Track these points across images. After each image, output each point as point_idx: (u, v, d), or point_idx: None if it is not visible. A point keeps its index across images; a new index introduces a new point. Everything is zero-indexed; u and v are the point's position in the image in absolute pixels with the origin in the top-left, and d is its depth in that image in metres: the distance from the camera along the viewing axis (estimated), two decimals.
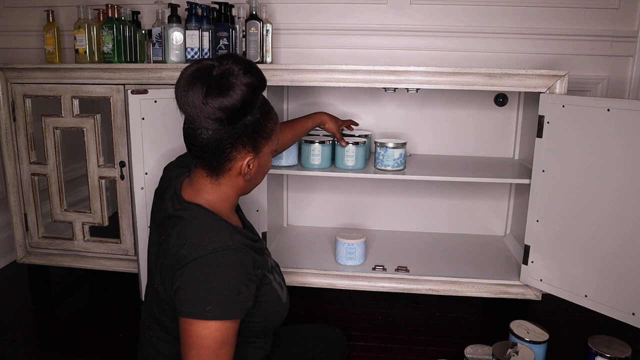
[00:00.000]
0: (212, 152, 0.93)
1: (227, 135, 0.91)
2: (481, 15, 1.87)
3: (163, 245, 0.96)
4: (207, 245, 0.89)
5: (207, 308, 0.86)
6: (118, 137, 1.65)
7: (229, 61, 0.90)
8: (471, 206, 1.99)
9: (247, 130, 0.93)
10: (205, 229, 0.92)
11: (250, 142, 0.95)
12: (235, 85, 0.88)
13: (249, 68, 0.91)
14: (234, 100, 0.88)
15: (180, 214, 0.95)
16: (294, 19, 1.93)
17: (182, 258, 0.89)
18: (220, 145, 0.92)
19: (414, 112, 1.93)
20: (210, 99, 0.87)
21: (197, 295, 0.87)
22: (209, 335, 0.86)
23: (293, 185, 2.06)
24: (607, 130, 1.33)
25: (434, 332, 1.70)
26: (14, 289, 2.00)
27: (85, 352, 1.59)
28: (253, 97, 0.91)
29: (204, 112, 0.88)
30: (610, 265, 1.36)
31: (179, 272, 0.89)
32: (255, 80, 0.90)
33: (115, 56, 1.70)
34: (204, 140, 0.92)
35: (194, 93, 0.88)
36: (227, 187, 0.98)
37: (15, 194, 1.75)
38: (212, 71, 0.89)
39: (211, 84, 0.87)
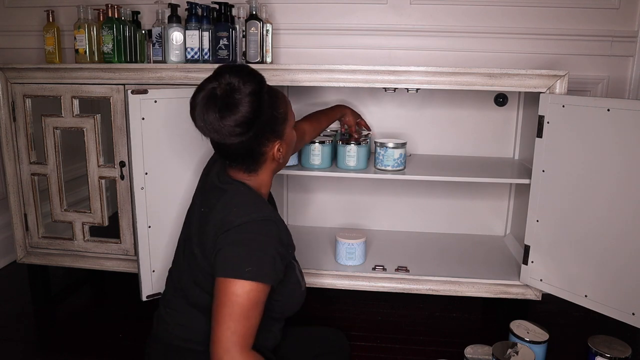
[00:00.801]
0: (246, 156, 1.05)
1: (252, 139, 1.01)
2: (481, 15, 1.87)
3: (205, 216, 1.04)
4: (251, 213, 1.00)
5: (246, 269, 0.95)
6: (118, 137, 1.65)
7: (226, 76, 0.98)
8: (471, 206, 1.99)
9: (267, 126, 1.02)
10: (250, 200, 1.03)
11: (273, 133, 1.05)
12: (241, 99, 0.97)
13: (246, 76, 0.99)
14: (244, 114, 0.97)
15: (225, 187, 1.05)
16: (293, 19, 1.93)
17: (227, 223, 0.99)
18: (250, 149, 1.03)
19: (414, 112, 1.93)
20: (225, 120, 0.97)
21: (239, 256, 0.96)
22: (244, 294, 0.95)
23: (293, 185, 2.06)
24: (607, 130, 1.33)
25: (434, 332, 1.70)
26: (14, 289, 2.00)
27: (85, 352, 1.59)
28: (259, 101, 0.99)
29: (224, 133, 0.98)
30: (610, 265, 1.36)
31: (223, 235, 0.98)
32: (255, 86, 0.99)
33: (115, 56, 1.70)
34: (235, 151, 1.03)
35: (211, 120, 0.97)
36: (264, 174, 1.09)
37: (15, 194, 1.75)
38: (217, 92, 0.98)
39: (221, 106, 0.96)
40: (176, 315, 1.11)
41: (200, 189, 1.17)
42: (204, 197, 1.10)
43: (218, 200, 1.04)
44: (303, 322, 1.58)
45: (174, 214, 1.49)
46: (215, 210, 1.02)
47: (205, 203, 1.08)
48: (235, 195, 1.04)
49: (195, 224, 1.08)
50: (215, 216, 1.02)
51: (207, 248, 1.02)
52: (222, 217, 1.00)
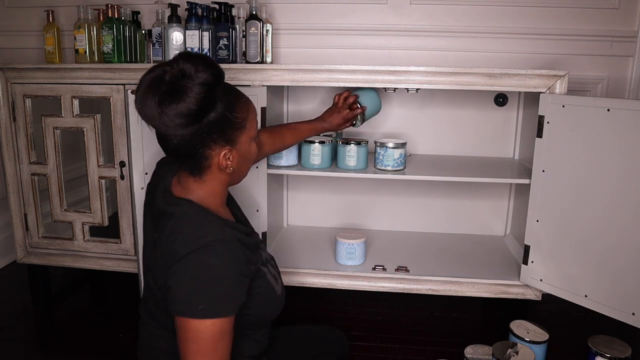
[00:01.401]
0: (186, 155, 0.93)
1: (194, 136, 0.90)
2: (481, 15, 1.87)
3: (157, 243, 0.96)
4: (197, 239, 0.89)
5: (199, 307, 0.87)
6: (118, 137, 1.65)
7: (180, 61, 0.88)
8: (471, 206, 1.99)
9: (214, 126, 0.91)
10: (196, 223, 0.93)
11: (222, 137, 0.94)
12: (188, 87, 0.86)
13: (202, 65, 0.89)
14: (188, 104, 0.86)
15: (171, 210, 0.95)
16: (294, 19, 1.93)
17: (173, 254, 0.89)
18: (192, 147, 0.92)
19: (414, 112, 1.93)
20: (165, 107, 0.86)
21: (189, 295, 0.88)
22: (206, 330, 0.88)
23: (293, 185, 2.06)
24: (607, 130, 1.33)
25: (434, 332, 1.70)
26: (14, 289, 2.00)
27: (85, 352, 1.59)
28: (209, 94, 0.89)
29: (163, 122, 0.87)
30: (610, 265, 1.36)
31: (171, 269, 0.89)
32: (209, 77, 0.88)
33: (115, 56, 1.70)
34: (174, 146, 0.92)
35: (149, 105, 0.87)
36: (212, 183, 0.98)
37: (15, 194, 1.75)
38: (165, 77, 0.88)
39: (164, 92, 0.86)
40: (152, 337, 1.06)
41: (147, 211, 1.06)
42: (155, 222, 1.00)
43: (165, 225, 0.94)
44: (302, 322, 1.58)
45: None
46: (163, 238, 0.93)
47: (156, 228, 0.98)
48: (180, 219, 0.93)
49: (148, 251, 1.01)
50: (162, 246, 0.92)
51: (158, 280, 0.94)
52: (168, 247, 0.90)
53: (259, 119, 1.54)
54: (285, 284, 1.66)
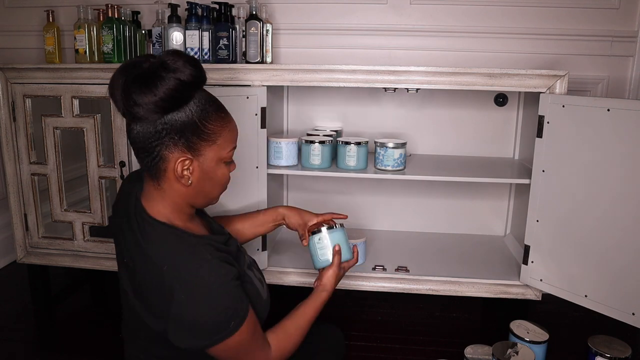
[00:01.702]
0: (142, 149, 0.89)
1: (153, 130, 0.86)
2: (481, 15, 1.87)
3: (131, 270, 0.93)
4: (188, 267, 0.87)
5: (230, 324, 0.88)
6: (118, 137, 1.65)
7: (169, 56, 0.86)
8: (471, 206, 1.99)
9: (176, 126, 0.87)
10: (178, 249, 0.89)
11: (183, 141, 0.88)
12: (163, 77, 0.83)
13: (187, 63, 0.86)
14: (156, 92, 0.83)
15: (144, 236, 0.91)
16: (294, 19, 1.93)
17: (169, 289, 0.86)
18: (148, 141, 0.88)
19: (414, 112, 1.93)
20: (131, 89, 0.83)
21: (216, 323, 0.88)
22: (243, 335, 0.91)
23: (293, 185, 2.06)
24: (607, 130, 1.33)
25: (434, 332, 1.70)
26: (14, 289, 2.00)
27: (85, 352, 1.59)
28: (182, 92, 0.85)
29: (126, 102, 0.84)
30: (611, 265, 1.36)
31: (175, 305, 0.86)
32: (188, 75, 0.85)
33: (115, 56, 1.70)
34: (133, 136, 0.88)
35: (116, 85, 0.85)
36: (170, 193, 0.93)
37: (15, 194, 1.75)
38: (143, 64, 0.85)
39: (136, 75, 0.83)
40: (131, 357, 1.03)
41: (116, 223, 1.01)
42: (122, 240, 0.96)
43: (140, 255, 0.90)
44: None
45: None
46: (143, 269, 0.89)
47: (125, 251, 0.95)
48: (158, 247, 0.89)
49: (124, 277, 0.96)
50: (146, 278, 0.89)
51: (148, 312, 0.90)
52: (156, 281, 0.87)
53: (259, 119, 1.54)
54: (285, 284, 1.67)
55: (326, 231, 1.19)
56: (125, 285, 0.96)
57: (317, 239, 1.19)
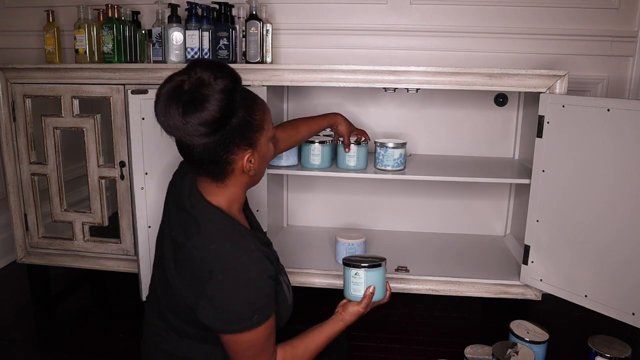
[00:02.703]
0: (210, 163, 0.94)
1: (218, 143, 0.91)
2: (481, 16, 1.87)
3: (178, 245, 0.96)
4: (234, 252, 0.91)
5: (253, 319, 0.91)
6: (118, 137, 1.65)
7: (197, 70, 0.88)
8: (471, 206, 1.99)
9: (236, 131, 0.92)
10: (227, 235, 0.94)
11: (244, 140, 0.94)
12: (209, 95, 0.86)
13: (219, 71, 0.89)
14: (212, 112, 0.86)
15: (197, 215, 0.95)
16: (294, 19, 1.93)
17: (209, 265, 0.90)
18: (216, 155, 0.92)
19: (414, 112, 1.93)
20: (189, 117, 0.86)
21: (241, 312, 0.90)
22: (260, 335, 0.92)
23: (293, 185, 2.06)
24: (607, 130, 1.33)
25: (434, 332, 1.70)
26: (14, 289, 2.00)
27: (85, 352, 1.59)
28: (230, 100, 0.89)
29: (187, 132, 0.87)
30: (610, 265, 1.36)
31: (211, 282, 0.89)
32: (228, 83, 0.89)
33: (115, 56, 1.70)
34: (198, 155, 0.92)
35: (173, 115, 0.87)
36: (233, 187, 0.99)
37: (15, 194, 1.75)
38: (184, 87, 0.87)
39: (186, 101, 0.86)
40: (157, 339, 1.05)
41: (170, 201, 1.05)
42: (174, 217, 1.00)
43: (190, 231, 0.94)
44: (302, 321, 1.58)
45: None
46: (190, 244, 0.93)
47: (175, 227, 0.98)
48: (210, 228, 0.94)
49: (169, 251, 1.00)
50: (191, 253, 0.92)
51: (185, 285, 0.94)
52: (202, 256, 0.91)
53: None
54: None
55: (365, 271, 1.15)
56: (168, 257, 0.99)
57: (354, 273, 1.16)
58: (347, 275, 1.18)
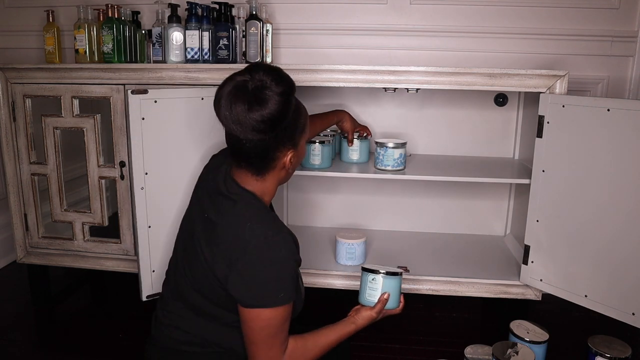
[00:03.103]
0: (258, 157, 1.01)
1: (271, 141, 0.99)
2: (481, 16, 1.87)
3: (212, 223, 1.02)
4: (267, 230, 0.98)
5: (279, 296, 0.97)
6: (118, 137, 1.65)
7: (260, 73, 0.97)
8: (471, 206, 1.99)
9: (287, 131, 1.01)
10: (262, 215, 1.01)
11: (290, 140, 1.03)
12: (271, 97, 0.95)
13: (279, 78, 0.98)
14: (272, 111, 0.95)
15: (234, 198, 1.02)
16: (294, 19, 1.93)
17: (243, 241, 0.97)
18: (266, 150, 1.01)
19: (414, 112, 1.93)
20: (252, 112, 0.94)
21: (268, 288, 0.97)
22: (279, 315, 0.98)
23: (293, 185, 2.06)
24: (607, 130, 1.33)
25: (434, 332, 1.70)
26: (14, 289, 2.00)
27: (85, 352, 1.59)
28: (288, 103, 0.98)
29: (248, 125, 0.95)
30: (610, 265, 1.36)
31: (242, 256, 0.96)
32: (286, 88, 0.98)
33: (115, 56, 1.70)
34: (250, 149, 0.99)
35: (239, 111, 0.95)
36: (270, 181, 1.06)
37: (15, 194, 1.75)
38: (248, 86, 0.96)
39: (250, 99, 0.95)
40: (173, 317, 1.10)
41: (202, 188, 1.12)
42: (208, 201, 1.07)
43: (227, 211, 1.02)
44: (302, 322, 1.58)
45: (174, 213, 1.49)
46: (226, 222, 1.00)
47: (210, 209, 1.05)
48: (246, 208, 1.01)
49: (201, 230, 1.05)
50: (227, 230, 1.00)
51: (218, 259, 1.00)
52: (236, 232, 0.98)
53: None
54: None
55: (382, 277, 1.19)
56: (200, 237, 1.04)
57: (371, 278, 1.21)
58: (365, 280, 1.22)
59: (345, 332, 1.17)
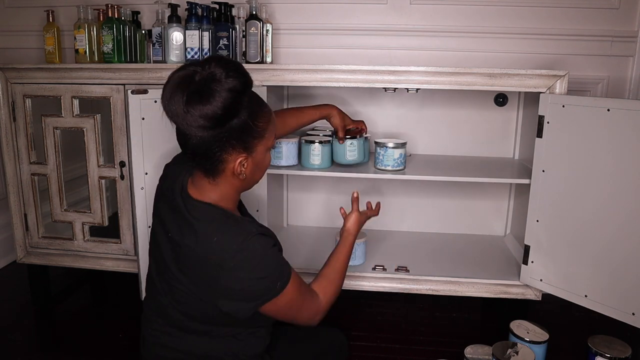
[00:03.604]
0: (203, 156, 0.95)
1: (214, 139, 0.92)
2: (481, 16, 1.87)
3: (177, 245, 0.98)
4: (235, 238, 0.94)
5: (277, 286, 0.97)
6: (118, 137, 1.65)
7: (212, 65, 0.89)
8: (471, 206, 1.99)
9: (235, 132, 0.93)
10: (224, 225, 0.96)
11: (240, 144, 0.95)
12: (216, 91, 0.88)
13: (233, 71, 0.90)
14: (214, 107, 0.88)
15: (193, 214, 0.97)
16: (294, 19, 1.93)
17: (218, 260, 0.93)
18: (210, 149, 0.93)
19: (414, 112, 1.93)
20: (191, 107, 0.87)
21: (263, 286, 0.96)
22: (289, 293, 0.99)
23: (293, 185, 2.06)
24: (607, 130, 1.33)
25: (434, 332, 1.70)
26: (14, 289, 2.00)
27: (86, 352, 1.59)
28: (236, 101, 0.90)
29: (187, 120, 0.89)
30: (610, 265, 1.36)
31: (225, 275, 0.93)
32: (238, 84, 0.90)
33: (115, 56, 1.70)
34: (193, 145, 0.93)
35: (176, 102, 0.88)
36: (224, 186, 1.00)
37: (15, 194, 1.75)
38: (195, 77, 0.89)
39: (192, 91, 0.87)
40: (158, 335, 1.07)
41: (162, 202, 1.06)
42: (169, 218, 1.01)
43: (189, 231, 0.96)
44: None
45: None
46: (191, 242, 0.95)
47: (172, 228, 1.00)
48: (203, 223, 0.95)
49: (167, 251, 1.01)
50: (197, 252, 0.94)
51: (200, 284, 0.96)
52: (207, 253, 0.93)
53: None
54: None
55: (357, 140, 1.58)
56: (168, 258, 1.01)
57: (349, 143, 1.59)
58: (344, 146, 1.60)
59: (348, 245, 1.25)
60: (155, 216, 1.09)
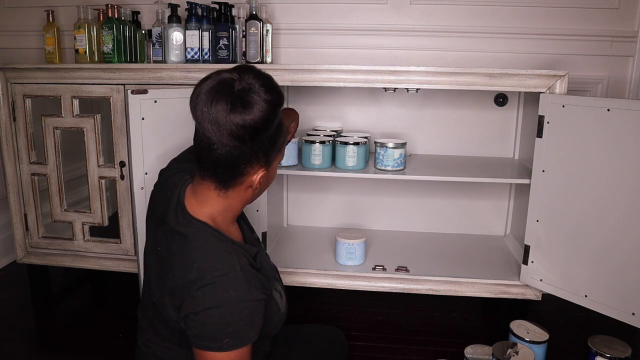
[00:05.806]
0: (226, 167, 0.91)
1: (245, 151, 0.89)
2: (481, 15, 1.87)
3: (163, 260, 0.94)
4: (215, 270, 0.88)
5: (224, 341, 0.86)
6: (118, 137, 1.65)
7: (250, 76, 0.88)
8: (471, 206, 1.99)
9: (264, 146, 0.91)
10: (211, 252, 0.90)
11: (264, 157, 0.93)
12: (257, 102, 0.86)
13: (269, 85, 0.89)
14: (256, 118, 0.86)
15: (184, 232, 0.93)
16: (294, 19, 1.93)
17: (189, 283, 0.87)
18: (237, 162, 0.90)
19: (414, 112, 1.93)
20: (234, 115, 0.85)
21: (214, 331, 0.87)
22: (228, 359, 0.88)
23: (293, 185, 2.06)
24: (607, 130, 1.33)
25: (434, 332, 1.70)
26: (14, 289, 2.00)
27: (86, 352, 1.59)
28: (273, 114, 0.89)
29: (225, 129, 0.85)
30: (611, 265, 1.36)
31: (188, 299, 0.87)
32: (275, 97, 0.89)
33: (115, 56, 1.70)
34: (219, 156, 0.89)
35: (219, 109, 0.85)
36: (234, 199, 0.96)
37: (15, 194, 1.75)
38: (234, 86, 0.86)
39: (235, 99, 0.85)
40: (153, 346, 1.05)
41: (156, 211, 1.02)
42: (160, 232, 0.98)
43: (177, 248, 0.92)
44: (302, 322, 1.58)
45: None
46: (175, 261, 0.91)
47: (161, 241, 0.97)
48: (195, 246, 0.91)
49: (153, 264, 0.99)
50: (175, 269, 0.90)
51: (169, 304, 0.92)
52: (182, 273, 0.89)
53: None
54: (285, 284, 1.66)
55: None
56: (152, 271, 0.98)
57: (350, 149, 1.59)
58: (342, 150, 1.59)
59: None
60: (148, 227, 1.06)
